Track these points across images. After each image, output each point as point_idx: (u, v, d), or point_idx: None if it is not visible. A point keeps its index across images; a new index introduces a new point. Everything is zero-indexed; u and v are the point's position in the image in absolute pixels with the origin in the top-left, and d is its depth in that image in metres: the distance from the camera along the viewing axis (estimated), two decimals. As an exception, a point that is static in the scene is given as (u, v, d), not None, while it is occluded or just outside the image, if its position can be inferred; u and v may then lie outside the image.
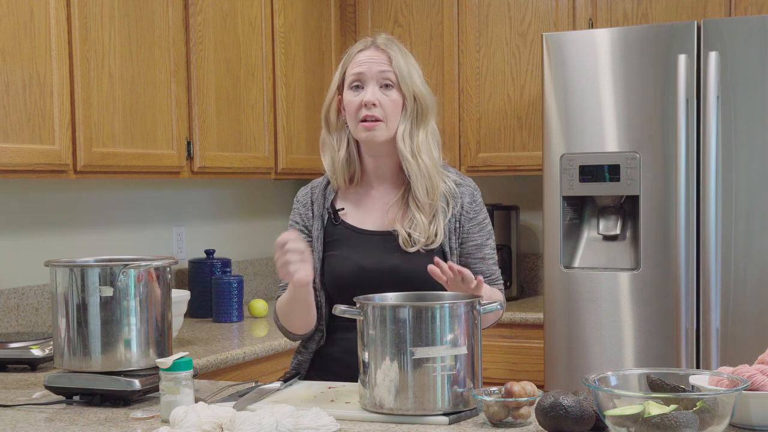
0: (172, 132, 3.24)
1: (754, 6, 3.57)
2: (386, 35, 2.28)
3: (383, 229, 2.24)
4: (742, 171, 3.20)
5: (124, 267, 2.08)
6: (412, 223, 2.20)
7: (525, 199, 4.31)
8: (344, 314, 1.91)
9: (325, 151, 2.30)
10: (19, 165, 2.67)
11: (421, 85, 2.24)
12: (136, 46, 3.08)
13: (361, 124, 2.19)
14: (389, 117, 2.20)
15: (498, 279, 2.29)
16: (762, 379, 1.67)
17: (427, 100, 2.23)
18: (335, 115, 2.28)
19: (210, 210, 4.02)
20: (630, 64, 3.33)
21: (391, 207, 2.26)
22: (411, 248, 2.19)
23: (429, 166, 2.21)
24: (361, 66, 2.21)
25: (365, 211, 2.28)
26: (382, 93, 2.20)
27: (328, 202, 2.30)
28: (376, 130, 2.19)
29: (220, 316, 3.60)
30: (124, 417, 1.97)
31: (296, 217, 2.33)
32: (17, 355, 2.60)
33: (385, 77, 2.20)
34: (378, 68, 2.20)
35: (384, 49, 2.23)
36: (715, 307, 3.21)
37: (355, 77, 2.21)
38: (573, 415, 1.67)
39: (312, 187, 2.35)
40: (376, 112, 2.18)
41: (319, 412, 1.77)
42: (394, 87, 2.21)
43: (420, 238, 2.19)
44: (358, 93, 2.21)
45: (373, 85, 2.20)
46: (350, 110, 2.21)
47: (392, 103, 2.20)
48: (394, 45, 2.25)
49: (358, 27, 4.25)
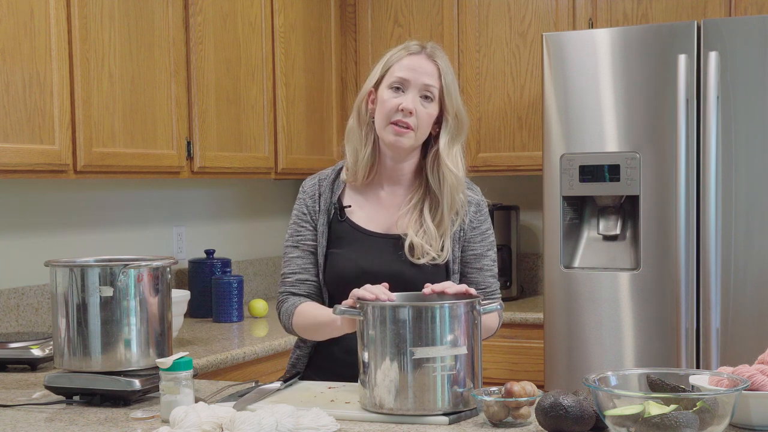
0: (172, 132, 3.24)
1: (754, 6, 3.57)
2: (434, 44, 2.26)
3: (388, 231, 2.24)
4: (742, 171, 3.20)
5: (124, 267, 2.08)
6: (424, 233, 2.19)
7: (525, 199, 4.31)
8: (344, 314, 1.90)
9: (350, 141, 2.28)
10: (19, 165, 2.67)
11: (460, 102, 2.24)
12: (136, 46, 3.08)
13: (390, 126, 2.18)
14: (420, 127, 2.19)
15: (495, 293, 2.27)
16: (762, 379, 1.67)
17: (464, 118, 2.24)
18: (365, 107, 2.26)
19: (210, 210, 4.02)
20: (630, 64, 3.33)
21: (403, 212, 2.24)
22: (419, 259, 2.18)
23: (461, 181, 2.22)
24: (409, 72, 2.19)
25: (371, 211, 2.27)
26: (420, 103, 2.18)
27: (335, 196, 2.28)
28: (404, 137, 2.18)
29: (220, 316, 3.60)
30: (124, 417, 1.97)
31: (303, 209, 2.29)
32: (17, 355, 2.60)
33: (428, 90, 2.19)
34: (424, 80, 2.19)
35: (435, 61, 2.21)
36: (715, 307, 3.21)
37: (399, 80, 2.19)
38: (573, 415, 1.68)
39: (320, 179, 2.33)
40: (410, 120, 2.17)
41: (319, 412, 1.77)
42: (434, 101, 2.20)
43: (431, 251, 2.17)
44: (397, 95, 2.19)
45: (415, 93, 2.18)
46: (385, 109, 2.19)
47: (428, 116, 2.19)
48: (443, 56, 2.24)
49: (358, 27, 4.25)
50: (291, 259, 2.27)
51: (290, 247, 2.28)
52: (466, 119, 2.25)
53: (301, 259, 2.26)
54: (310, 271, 2.25)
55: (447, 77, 2.21)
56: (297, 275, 2.25)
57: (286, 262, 2.28)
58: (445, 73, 2.21)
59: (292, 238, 2.29)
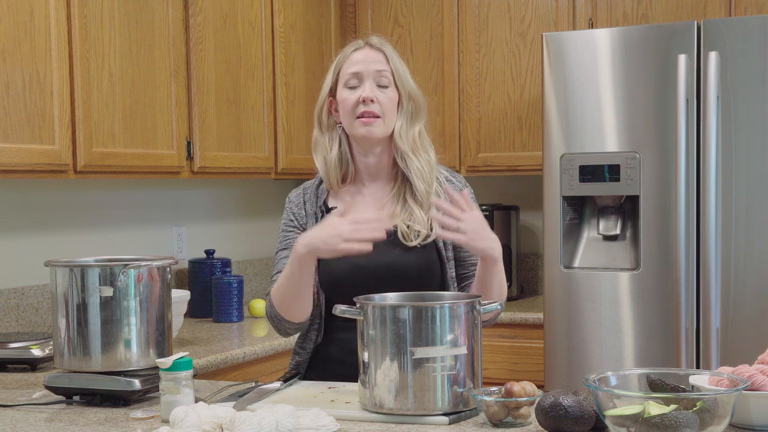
0: (172, 132, 3.24)
1: (754, 6, 3.57)
2: (377, 36, 2.31)
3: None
4: (742, 171, 3.20)
5: (124, 267, 2.08)
6: (411, 216, 2.22)
7: (525, 199, 4.31)
8: (344, 314, 1.91)
9: (317, 151, 2.33)
10: (19, 165, 2.67)
11: (414, 84, 2.29)
12: (136, 46, 3.08)
13: (358, 120, 2.21)
14: (386, 114, 2.22)
15: None
16: (762, 379, 1.67)
17: (420, 99, 2.28)
18: (327, 116, 2.30)
19: (210, 210, 4.02)
20: (630, 64, 3.33)
21: (386, 203, 2.26)
22: (411, 242, 2.20)
23: (429, 162, 2.25)
24: (358, 65, 2.24)
25: (358, 209, 2.27)
26: (379, 91, 2.22)
27: (321, 201, 2.31)
28: (374, 125, 2.21)
29: (220, 316, 3.61)
30: (124, 417, 1.97)
31: (290, 216, 2.33)
32: (17, 355, 2.60)
33: (382, 75, 2.24)
34: (375, 67, 2.23)
35: (379, 48, 2.27)
36: (715, 307, 3.21)
37: (352, 76, 2.23)
38: (573, 415, 1.68)
39: (304, 188, 2.37)
40: (374, 108, 2.21)
41: (319, 412, 1.77)
42: (390, 86, 2.24)
43: (421, 229, 2.20)
44: (354, 91, 2.23)
45: (371, 82, 2.22)
46: (346, 107, 2.23)
47: (389, 100, 2.23)
48: (387, 44, 2.29)
49: (358, 27, 4.25)
50: (279, 260, 2.30)
51: (279, 251, 2.32)
52: (422, 100, 2.29)
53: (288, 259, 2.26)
54: None
55: (394, 60, 2.26)
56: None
57: (275, 265, 2.31)
58: (392, 57, 2.26)
59: (281, 243, 2.33)
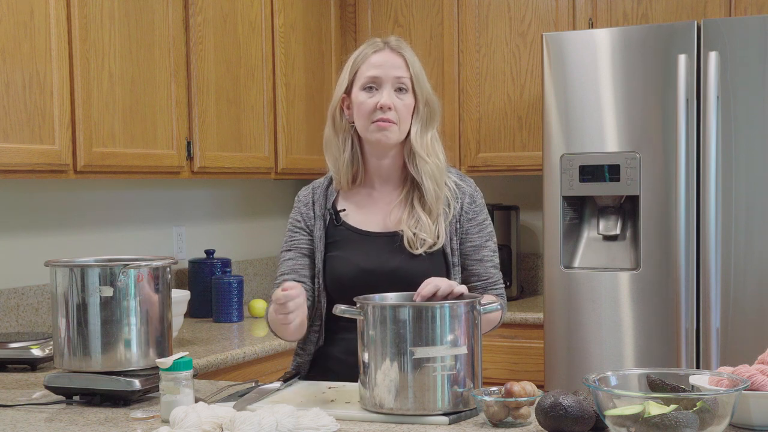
0: (172, 132, 3.24)
1: (754, 6, 3.57)
2: (395, 37, 2.28)
3: (386, 230, 2.24)
4: (742, 171, 3.19)
5: (124, 267, 2.08)
6: (417, 223, 2.20)
7: (525, 199, 4.31)
8: (344, 314, 1.91)
9: (328, 151, 2.30)
10: (19, 165, 2.67)
11: (430, 89, 2.26)
12: (136, 46, 3.08)
13: (374, 125, 2.19)
14: (402, 120, 2.21)
15: (497, 283, 2.28)
16: (762, 379, 1.67)
17: (435, 104, 2.27)
18: (340, 114, 2.27)
19: (210, 210, 4.02)
20: (630, 64, 3.32)
21: (394, 208, 2.26)
22: (417, 250, 2.19)
23: (440, 167, 2.23)
24: (378, 69, 2.21)
25: (367, 212, 2.28)
26: (396, 96, 2.20)
27: (330, 202, 2.30)
28: (389, 131, 2.19)
29: (220, 316, 3.61)
30: (124, 417, 1.97)
31: (297, 216, 2.32)
32: (17, 355, 2.60)
33: (401, 82, 2.21)
34: (395, 73, 2.21)
35: (400, 52, 2.24)
36: (715, 307, 3.21)
37: (370, 79, 2.21)
38: (573, 415, 1.68)
39: (313, 188, 2.35)
40: (391, 115, 2.19)
41: (319, 412, 1.77)
42: (408, 91, 2.22)
43: (427, 238, 2.19)
44: (372, 94, 2.20)
45: (389, 88, 2.20)
46: (363, 111, 2.21)
47: (405, 107, 2.21)
48: (407, 47, 2.26)
49: (358, 27, 4.25)
50: (283, 262, 2.30)
51: (284, 251, 2.32)
52: (437, 104, 2.28)
53: (292, 261, 2.27)
54: (299, 271, 2.26)
55: (414, 66, 2.24)
56: (286, 275, 2.27)
57: (280, 266, 2.31)
58: (412, 63, 2.24)
59: (286, 243, 2.32)
